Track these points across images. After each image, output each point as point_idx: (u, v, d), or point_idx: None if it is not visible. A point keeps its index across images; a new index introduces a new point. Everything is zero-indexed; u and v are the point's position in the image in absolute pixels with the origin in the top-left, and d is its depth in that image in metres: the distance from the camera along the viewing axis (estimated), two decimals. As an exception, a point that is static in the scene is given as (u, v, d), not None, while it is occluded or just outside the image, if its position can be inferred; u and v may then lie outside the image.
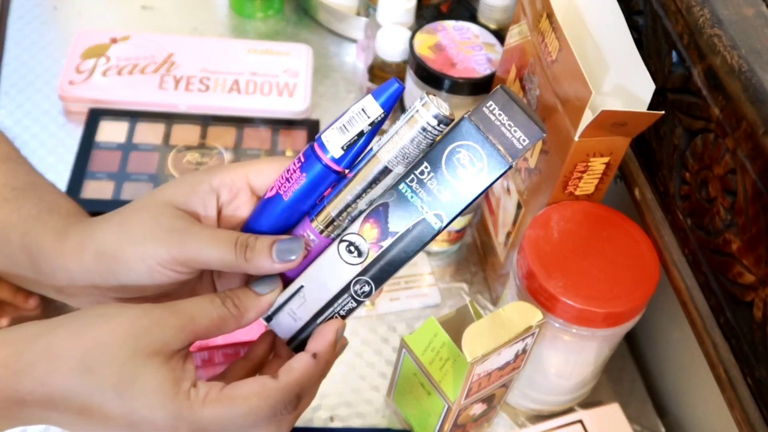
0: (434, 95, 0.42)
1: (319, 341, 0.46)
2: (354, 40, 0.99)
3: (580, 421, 0.69)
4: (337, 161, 0.44)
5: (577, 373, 0.67)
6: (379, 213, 0.44)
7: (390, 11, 0.84)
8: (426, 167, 0.43)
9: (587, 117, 0.55)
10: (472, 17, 0.88)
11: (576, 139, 0.57)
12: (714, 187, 0.55)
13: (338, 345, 0.47)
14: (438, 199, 0.43)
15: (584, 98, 0.54)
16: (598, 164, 0.60)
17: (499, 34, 0.80)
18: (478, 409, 0.64)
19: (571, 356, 0.65)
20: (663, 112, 0.56)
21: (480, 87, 0.75)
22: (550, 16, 0.59)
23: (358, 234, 0.45)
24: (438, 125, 0.42)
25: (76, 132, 0.84)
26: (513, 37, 0.70)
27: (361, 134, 0.43)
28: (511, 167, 0.41)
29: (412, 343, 0.60)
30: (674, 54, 0.59)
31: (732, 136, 0.53)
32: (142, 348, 0.41)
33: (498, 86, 0.42)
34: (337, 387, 0.70)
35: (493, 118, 0.41)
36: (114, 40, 0.91)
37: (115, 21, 0.97)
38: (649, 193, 0.64)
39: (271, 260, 0.45)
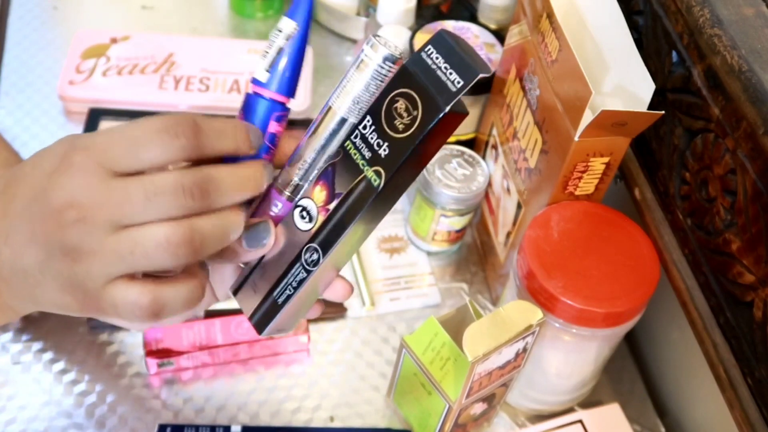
0: (381, 36, 0.40)
1: None
2: (354, 40, 0.99)
3: (580, 421, 0.69)
4: (263, 84, 0.43)
5: (577, 373, 0.67)
6: (327, 174, 0.42)
7: (390, 11, 0.84)
8: (368, 120, 0.40)
9: (587, 117, 0.55)
10: (472, 17, 0.88)
11: (576, 139, 0.57)
12: (714, 187, 0.55)
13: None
14: (378, 155, 0.40)
15: (584, 98, 0.54)
16: (598, 164, 0.60)
17: (499, 34, 0.80)
18: (478, 408, 0.64)
19: (571, 356, 0.65)
20: (663, 112, 0.56)
21: (480, 87, 0.75)
22: (550, 16, 0.59)
23: (309, 198, 0.43)
24: (389, 66, 0.40)
25: (76, 132, 0.84)
26: (513, 37, 0.70)
27: (280, 51, 0.42)
28: (446, 114, 0.38)
29: (412, 343, 0.60)
30: (674, 54, 0.59)
31: (732, 136, 0.53)
32: None
33: (439, 29, 0.39)
34: (337, 387, 0.70)
35: (430, 62, 0.38)
36: (114, 40, 0.91)
37: (115, 21, 0.97)
38: (649, 193, 0.64)
39: (241, 248, 0.44)
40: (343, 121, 0.42)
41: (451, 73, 0.38)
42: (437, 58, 0.38)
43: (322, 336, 0.73)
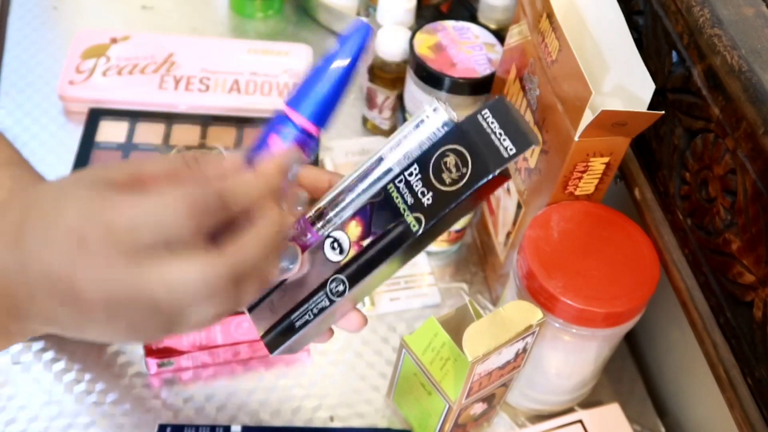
0: (441, 101, 0.42)
1: (268, 158, 0.41)
2: (354, 40, 0.99)
3: (580, 421, 0.69)
4: (296, 107, 0.43)
5: (577, 373, 0.67)
6: (365, 211, 0.43)
7: (390, 11, 0.84)
8: (415, 168, 0.42)
9: (587, 117, 0.55)
10: (472, 17, 0.88)
11: (576, 139, 0.57)
12: (714, 187, 0.55)
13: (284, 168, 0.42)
14: (421, 203, 0.42)
15: (584, 98, 0.54)
16: (598, 164, 0.60)
17: (499, 34, 0.80)
18: (478, 408, 0.64)
19: (571, 356, 0.65)
20: (663, 112, 0.56)
21: (480, 87, 0.75)
22: (550, 16, 0.59)
23: (343, 231, 0.44)
24: (445, 130, 0.41)
25: (76, 132, 0.84)
26: (513, 37, 0.70)
27: (322, 77, 0.42)
28: (494, 176, 0.40)
29: (412, 343, 0.60)
30: (674, 54, 0.59)
31: (732, 136, 0.53)
32: (79, 179, 0.39)
33: (497, 96, 0.41)
34: (337, 387, 0.70)
35: (485, 125, 0.40)
36: (114, 40, 0.91)
37: (115, 21, 0.97)
38: (649, 193, 0.64)
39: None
40: (389, 171, 0.43)
41: (504, 140, 0.40)
42: (492, 122, 0.40)
43: (322, 336, 0.73)
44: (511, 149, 0.40)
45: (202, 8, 1.02)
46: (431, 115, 0.42)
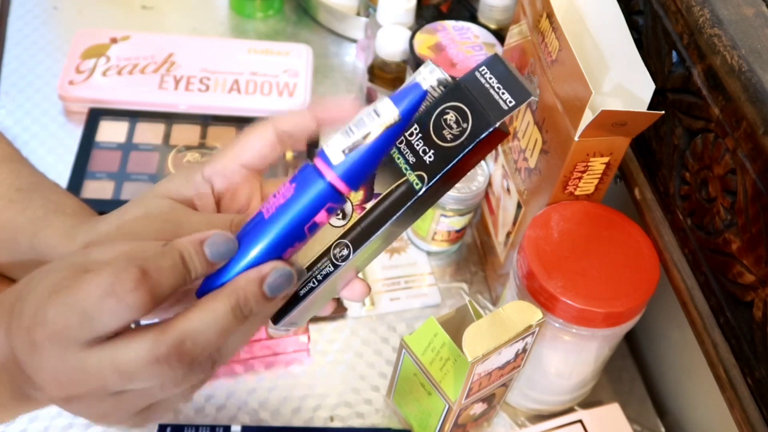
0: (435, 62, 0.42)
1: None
2: (354, 40, 0.99)
3: (580, 421, 0.69)
4: (332, 165, 0.38)
5: (577, 373, 0.67)
6: None
7: (390, 11, 0.84)
8: (415, 128, 0.42)
9: (587, 117, 0.55)
10: (472, 17, 0.89)
11: (576, 139, 0.57)
12: (714, 187, 0.55)
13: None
14: (423, 161, 0.42)
15: (584, 98, 0.54)
16: (598, 164, 0.60)
17: (499, 34, 0.80)
18: (478, 408, 0.64)
19: (571, 356, 0.65)
20: (663, 112, 0.56)
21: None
22: (550, 16, 0.59)
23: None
24: (441, 89, 0.41)
25: (76, 132, 0.84)
26: (513, 37, 0.70)
27: (367, 136, 0.38)
28: (494, 130, 0.40)
29: (412, 343, 0.60)
30: (674, 54, 0.59)
31: (732, 136, 0.53)
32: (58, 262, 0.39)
33: (493, 53, 0.41)
34: (337, 387, 0.70)
35: (483, 81, 0.41)
36: (114, 40, 0.91)
37: (115, 21, 0.97)
38: (649, 193, 0.64)
39: None
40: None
41: (503, 93, 0.40)
42: (490, 78, 0.41)
43: (322, 336, 0.73)
44: (510, 101, 0.40)
45: (202, 8, 1.02)
46: (427, 76, 0.41)
